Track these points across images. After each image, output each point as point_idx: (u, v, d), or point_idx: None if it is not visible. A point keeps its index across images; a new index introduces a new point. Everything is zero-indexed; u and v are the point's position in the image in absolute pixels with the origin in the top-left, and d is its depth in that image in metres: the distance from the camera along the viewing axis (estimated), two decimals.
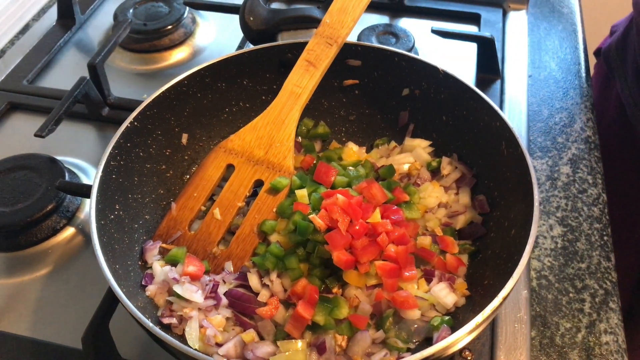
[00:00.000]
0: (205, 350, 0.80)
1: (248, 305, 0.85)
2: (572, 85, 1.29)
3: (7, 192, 1.04)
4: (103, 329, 0.83)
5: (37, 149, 1.13)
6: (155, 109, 0.96)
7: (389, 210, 0.88)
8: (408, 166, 1.02)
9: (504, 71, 1.28)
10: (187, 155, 1.03)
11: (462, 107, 0.98)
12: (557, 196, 1.09)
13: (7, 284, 0.98)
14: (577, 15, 1.46)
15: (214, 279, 0.87)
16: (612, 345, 0.90)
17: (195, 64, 1.01)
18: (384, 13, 1.45)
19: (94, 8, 1.50)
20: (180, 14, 1.39)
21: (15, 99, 1.26)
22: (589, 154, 1.16)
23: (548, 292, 0.96)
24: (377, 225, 0.85)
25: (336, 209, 0.83)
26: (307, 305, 0.80)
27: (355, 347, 0.80)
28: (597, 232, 1.04)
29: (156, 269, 0.88)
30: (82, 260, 1.01)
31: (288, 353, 0.78)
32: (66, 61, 1.37)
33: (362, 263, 0.83)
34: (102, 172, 0.86)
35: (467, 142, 0.99)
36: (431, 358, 0.68)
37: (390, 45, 1.28)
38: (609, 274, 0.98)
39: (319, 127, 1.09)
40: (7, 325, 0.92)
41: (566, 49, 1.37)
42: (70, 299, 0.95)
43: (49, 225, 1.03)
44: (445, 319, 0.81)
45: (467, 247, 0.92)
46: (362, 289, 0.84)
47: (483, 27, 1.39)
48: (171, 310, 0.84)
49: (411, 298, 0.82)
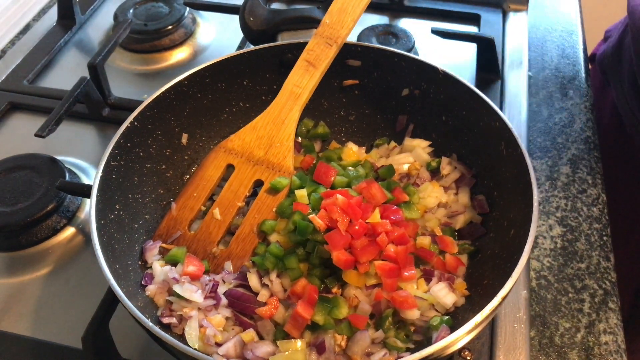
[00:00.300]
0: (204, 349, 0.81)
1: (248, 305, 0.85)
2: (572, 86, 1.29)
3: (8, 192, 1.05)
4: (103, 329, 0.83)
5: (38, 149, 1.13)
6: (155, 109, 0.96)
7: (388, 210, 0.89)
8: (408, 166, 1.02)
9: (503, 71, 1.28)
10: (187, 155, 1.03)
11: (461, 108, 0.98)
12: (556, 196, 1.09)
13: (7, 283, 0.99)
14: (576, 15, 1.47)
15: (214, 279, 0.87)
16: (612, 345, 0.90)
17: (196, 64, 1.01)
18: (384, 13, 1.45)
19: (94, 8, 1.50)
20: (180, 14, 1.40)
21: (16, 99, 1.26)
22: (588, 154, 1.16)
23: (547, 292, 0.96)
24: (376, 225, 0.85)
25: (336, 209, 0.83)
26: (306, 305, 0.80)
27: (354, 347, 0.80)
28: (597, 232, 1.04)
29: (156, 268, 0.88)
30: (83, 260, 1.01)
31: (287, 353, 0.78)
32: (66, 61, 1.37)
33: (362, 263, 0.83)
34: (102, 172, 0.86)
35: (466, 142, 0.99)
36: (430, 357, 0.68)
37: (390, 45, 1.28)
38: (608, 274, 0.99)
39: (319, 127, 1.09)
40: (8, 324, 0.93)
41: (566, 50, 1.37)
42: (70, 299, 0.96)
43: (49, 225, 1.03)
44: (444, 318, 0.81)
45: (467, 247, 0.92)
46: (362, 288, 0.85)
47: (483, 28, 1.39)
48: (171, 310, 0.84)
49: (410, 298, 0.82)
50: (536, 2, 1.49)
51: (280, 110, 0.98)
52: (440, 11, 1.44)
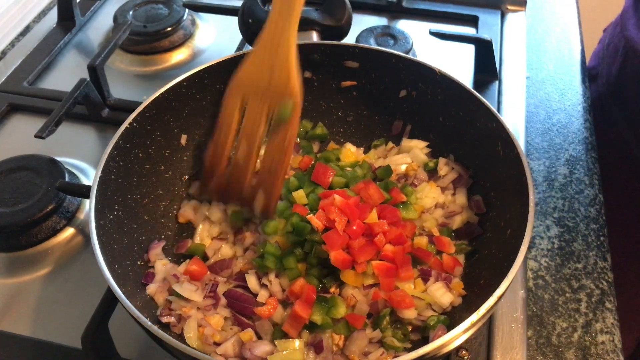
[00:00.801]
0: (203, 349, 0.81)
1: (246, 306, 0.85)
2: (570, 87, 1.30)
3: (8, 192, 1.05)
4: (102, 329, 0.83)
5: (38, 150, 1.14)
6: (154, 110, 0.97)
7: (386, 211, 0.89)
8: (405, 167, 1.02)
9: (501, 73, 1.29)
10: (186, 156, 1.04)
11: (459, 108, 0.98)
12: (554, 197, 1.10)
13: (7, 283, 0.99)
14: (574, 16, 1.47)
15: (215, 279, 0.88)
16: (608, 344, 0.90)
17: (195, 66, 1.01)
18: (382, 15, 1.46)
19: (94, 10, 1.51)
20: (180, 16, 1.40)
21: (16, 101, 1.26)
22: (586, 155, 1.16)
23: (545, 292, 0.97)
24: (374, 225, 0.85)
25: (333, 209, 0.84)
26: (304, 304, 0.81)
27: (352, 346, 0.80)
28: (594, 233, 1.04)
29: (158, 267, 0.89)
30: (82, 261, 1.01)
31: (286, 352, 0.78)
32: (66, 63, 1.38)
33: (359, 263, 0.83)
34: (102, 173, 0.86)
35: (464, 143, 0.99)
36: (427, 356, 0.69)
37: (388, 47, 1.29)
38: (605, 274, 0.99)
39: (317, 128, 1.09)
40: (7, 324, 0.93)
41: (564, 51, 1.38)
42: (70, 299, 0.96)
43: (49, 225, 1.04)
44: (441, 318, 0.82)
45: (464, 247, 0.92)
46: (359, 288, 0.85)
47: (481, 29, 1.39)
48: (170, 309, 0.84)
49: (408, 297, 0.82)
50: (534, 3, 1.50)
51: (273, 34, 0.92)
52: (438, 12, 1.45)
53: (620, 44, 1.29)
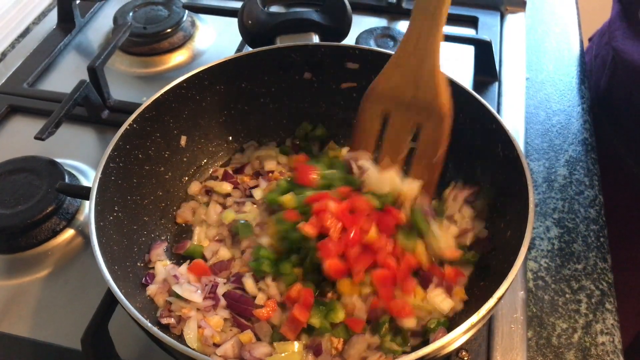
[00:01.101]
0: (203, 350, 0.81)
1: (246, 307, 0.85)
2: (570, 88, 1.30)
3: (8, 194, 1.05)
4: (102, 330, 0.83)
5: (37, 151, 1.14)
6: (154, 111, 0.97)
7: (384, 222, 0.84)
8: None
9: (501, 74, 1.29)
10: (186, 157, 1.04)
11: (458, 110, 0.98)
12: (554, 198, 1.10)
13: (7, 285, 0.99)
14: (574, 17, 1.47)
15: (214, 280, 0.88)
16: (608, 345, 0.90)
17: (195, 67, 1.01)
18: (382, 16, 1.46)
19: (93, 11, 1.51)
20: (179, 17, 1.40)
21: (16, 102, 1.26)
22: (585, 155, 1.16)
23: (545, 293, 0.97)
24: (374, 242, 0.82)
25: (327, 215, 0.82)
26: (302, 308, 0.80)
27: (351, 350, 0.80)
28: (594, 234, 1.04)
29: (159, 267, 0.89)
30: (82, 262, 1.01)
31: (284, 354, 0.78)
32: (66, 64, 1.38)
33: (356, 272, 0.81)
34: (101, 174, 0.86)
35: (463, 145, 0.99)
36: (427, 358, 0.69)
37: (388, 48, 1.29)
38: (605, 275, 0.99)
39: (317, 129, 1.09)
40: (7, 326, 0.93)
41: (563, 52, 1.38)
42: (69, 300, 0.96)
43: (48, 227, 1.04)
44: (441, 320, 0.82)
45: (470, 258, 0.89)
46: (358, 296, 0.83)
47: (480, 30, 1.39)
48: (170, 310, 0.84)
49: (407, 306, 0.81)
50: (534, 4, 1.50)
51: (418, 37, 0.82)
52: None
53: (608, 56, 1.29)
